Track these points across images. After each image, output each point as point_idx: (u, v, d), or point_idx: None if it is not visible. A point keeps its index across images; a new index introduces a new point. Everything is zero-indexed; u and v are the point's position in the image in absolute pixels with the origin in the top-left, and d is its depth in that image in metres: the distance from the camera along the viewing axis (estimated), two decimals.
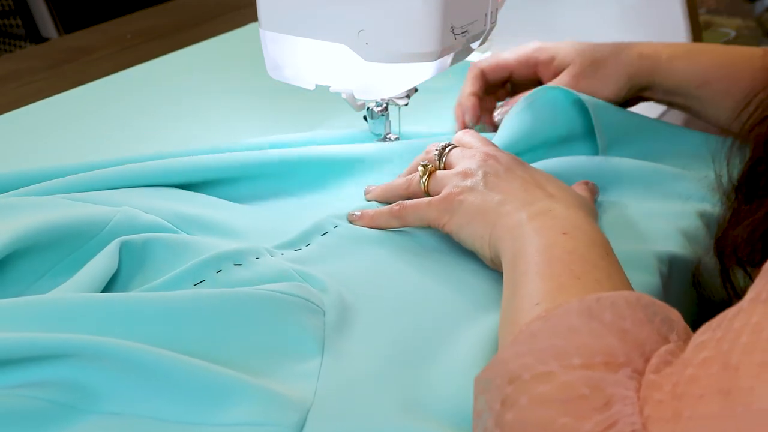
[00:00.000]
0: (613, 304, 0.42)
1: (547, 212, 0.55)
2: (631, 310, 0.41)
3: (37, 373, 0.45)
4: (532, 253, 0.51)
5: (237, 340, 0.49)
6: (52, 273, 0.55)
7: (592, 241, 0.53)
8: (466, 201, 0.59)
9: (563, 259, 0.50)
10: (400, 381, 0.48)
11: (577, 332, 0.40)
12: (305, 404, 0.46)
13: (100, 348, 0.45)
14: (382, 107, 0.73)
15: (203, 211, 0.62)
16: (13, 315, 0.47)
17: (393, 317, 0.54)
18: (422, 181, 0.63)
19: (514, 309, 0.48)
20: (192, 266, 0.54)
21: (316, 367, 0.49)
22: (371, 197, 0.67)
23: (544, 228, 0.54)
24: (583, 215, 0.56)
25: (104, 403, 0.45)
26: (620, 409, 0.36)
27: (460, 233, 0.59)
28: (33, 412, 0.44)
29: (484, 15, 0.67)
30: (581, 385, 0.38)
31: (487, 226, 0.57)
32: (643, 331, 0.41)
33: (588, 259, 0.51)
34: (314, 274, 0.55)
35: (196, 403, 0.45)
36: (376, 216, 0.63)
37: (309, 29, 0.65)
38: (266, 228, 0.62)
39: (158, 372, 0.45)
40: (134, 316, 0.48)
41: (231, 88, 0.91)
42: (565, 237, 0.52)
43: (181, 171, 0.66)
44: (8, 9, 1.99)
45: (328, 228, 0.62)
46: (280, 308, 0.51)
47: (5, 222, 0.56)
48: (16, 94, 0.92)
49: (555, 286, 0.48)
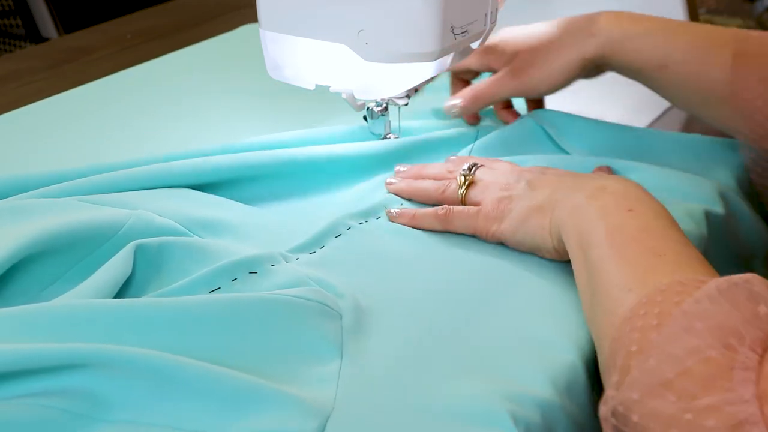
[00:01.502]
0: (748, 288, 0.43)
1: (603, 189, 0.56)
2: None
3: (51, 382, 0.44)
4: (603, 236, 0.52)
5: (254, 344, 0.49)
6: (66, 277, 0.55)
7: (657, 213, 0.53)
8: (516, 206, 0.60)
9: (638, 238, 0.51)
10: (420, 383, 0.48)
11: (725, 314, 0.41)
12: (325, 409, 0.45)
13: (114, 356, 0.44)
14: (382, 107, 0.73)
15: (214, 213, 0.62)
16: (26, 322, 0.47)
17: (409, 318, 0.54)
18: (461, 191, 0.64)
19: (603, 298, 0.48)
20: (207, 273, 0.53)
21: (335, 370, 0.49)
22: (394, 190, 0.68)
23: (608, 207, 0.54)
24: (637, 186, 0.57)
25: (119, 412, 0.44)
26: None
27: (516, 234, 0.60)
28: (46, 422, 0.43)
29: (484, 15, 0.67)
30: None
31: (545, 216, 0.58)
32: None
33: (661, 234, 0.51)
34: (330, 281, 0.55)
35: (215, 410, 0.44)
36: (419, 216, 0.63)
37: (309, 29, 0.64)
38: (277, 230, 0.62)
39: (175, 379, 0.45)
40: (149, 321, 0.47)
41: (231, 88, 0.91)
42: (631, 214, 0.53)
43: (187, 173, 0.65)
44: (8, 9, 1.99)
45: (341, 230, 0.62)
46: (297, 312, 0.50)
47: (20, 225, 0.56)
48: (16, 94, 0.92)
49: (641, 270, 0.48)
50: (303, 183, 0.69)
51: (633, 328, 0.44)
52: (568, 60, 0.73)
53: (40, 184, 0.63)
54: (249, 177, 0.68)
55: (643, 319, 0.44)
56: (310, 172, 0.70)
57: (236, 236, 0.60)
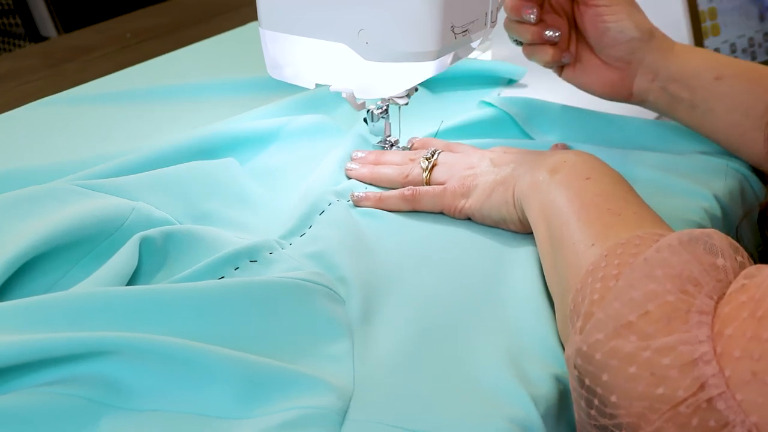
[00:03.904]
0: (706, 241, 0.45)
1: (563, 163, 0.58)
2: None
3: (73, 370, 0.45)
4: (565, 203, 0.55)
5: (267, 326, 0.49)
6: (73, 272, 0.56)
7: (614, 180, 0.57)
8: (481, 182, 0.63)
9: (596, 202, 0.54)
10: (431, 358, 0.49)
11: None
12: (346, 388, 0.46)
13: (135, 344, 0.45)
14: (382, 110, 0.72)
15: (205, 205, 0.64)
16: (44, 312, 0.47)
17: (408, 293, 0.55)
18: (425, 174, 0.67)
19: (569, 255, 0.51)
20: (211, 263, 0.55)
21: (348, 349, 0.49)
22: (356, 175, 0.70)
23: (567, 178, 0.57)
24: (595, 158, 0.59)
25: (142, 400, 0.45)
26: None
27: (482, 209, 0.62)
28: (70, 410, 0.43)
29: (484, 14, 0.67)
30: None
31: (509, 189, 0.61)
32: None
33: (618, 196, 0.54)
34: (329, 261, 0.57)
35: (238, 395, 0.45)
36: (385, 198, 0.66)
37: (309, 28, 0.64)
38: (264, 213, 0.65)
39: (197, 365, 0.45)
40: (167, 307, 0.48)
41: (231, 87, 0.90)
42: (589, 182, 0.56)
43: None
44: (8, 8, 1.99)
45: (323, 207, 0.64)
46: (306, 294, 0.52)
47: (26, 221, 0.57)
48: (15, 93, 0.92)
49: (601, 227, 0.51)
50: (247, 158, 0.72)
51: (595, 279, 0.46)
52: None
53: (40, 176, 0.65)
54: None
55: (604, 270, 0.46)
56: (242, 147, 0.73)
57: (228, 226, 0.63)
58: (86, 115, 0.84)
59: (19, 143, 0.78)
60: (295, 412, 0.43)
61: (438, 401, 0.46)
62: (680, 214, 0.65)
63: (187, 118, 0.83)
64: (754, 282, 0.41)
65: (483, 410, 0.45)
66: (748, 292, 0.41)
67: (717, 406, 0.39)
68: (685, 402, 0.40)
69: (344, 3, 0.62)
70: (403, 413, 0.45)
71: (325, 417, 0.43)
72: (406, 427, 0.44)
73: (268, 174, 0.71)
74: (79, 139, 0.79)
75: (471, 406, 0.45)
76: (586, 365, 0.43)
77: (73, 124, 0.82)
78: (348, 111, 0.79)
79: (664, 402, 0.40)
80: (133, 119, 0.83)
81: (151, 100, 0.87)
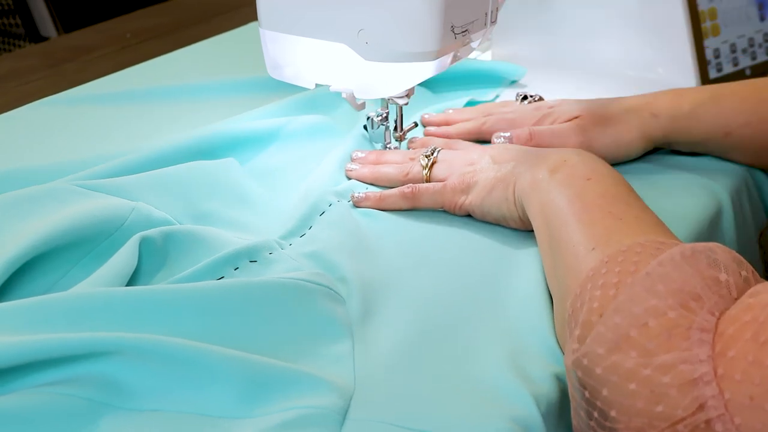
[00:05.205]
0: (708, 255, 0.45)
1: (563, 163, 0.58)
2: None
3: (74, 371, 0.45)
4: (566, 204, 0.54)
5: (269, 326, 0.49)
6: (73, 272, 0.56)
7: (615, 181, 0.56)
8: (481, 178, 0.63)
9: (598, 203, 0.53)
10: (433, 357, 0.49)
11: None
12: (347, 387, 0.46)
13: (136, 344, 0.45)
14: (382, 116, 0.72)
15: (205, 206, 0.64)
16: (44, 312, 0.47)
17: (409, 293, 0.55)
18: (425, 171, 0.66)
19: (568, 256, 0.51)
20: (210, 263, 0.55)
21: (349, 349, 0.49)
22: (356, 176, 0.70)
23: (568, 178, 0.56)
24: (596, 158, 0.59)
25: (143, 400, 0.45)
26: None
27: (483, 205, 0.62)
28: (71, 411, 0.43)
29: (484, 14, 0.67)
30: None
31: (509, 186, 0.61)
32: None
33: (620, 199, 0.54)
34: (330, 262, 0.57)
35: (240, 395, 0.45)
36: (385, 197, 0.66)
37: (309, 28, 0.64)
38: (264, 213, 0.65)
39: (198, 365, 0.45)
40: (167, 307, 0.48)
41: (231, 87, 0.90)
42: (590, 182, 0.55)
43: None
44: (7, 8, 1.99)
45: (324, 207, 0.64)
46: (307, 295, 0.52)
47: (26, 221, 0.57)
48: (15, 93, 0.92)
49: (602, 231, 0.51)
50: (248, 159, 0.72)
51: (594, 286, 0.46)
52: (631, 139, 0.71)
53: (40, 176, 0.65)
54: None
55: (604, 277, 0.46)
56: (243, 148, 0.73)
57: (228, 226, 0.62)
58: (86, 115, 0.84)
59: (19, 143, 0.78)
60: (296, 411, 0.43)
61: (439, 400, 0.46)
62: (683, 213, 0.65)
63: (187, 118, 0.83)
64: (759, 301, 0.41)
65: (484, 409, 0.45)
66: (753, 311, 0.40)
67: (715, 427, 0.39)
68: (683, 421, 0.40)
69: (344, 3, 0.62)
70: (405, 412, 0.45)
71: (327, 417, 0.43)
72: (407, 426, 0.44)
73: (268, 174, 0.71)
74: (79, 139, 0.79)
75: (472, 405, 0.45)
76: (586, 378, 0.43)
77: (73, 125, 0.82)
78: (348, 111, 0.79)
79: (662, 420, 0.40)
80: (132, 119, 0.83)
81: (151, 100, 0.87)
